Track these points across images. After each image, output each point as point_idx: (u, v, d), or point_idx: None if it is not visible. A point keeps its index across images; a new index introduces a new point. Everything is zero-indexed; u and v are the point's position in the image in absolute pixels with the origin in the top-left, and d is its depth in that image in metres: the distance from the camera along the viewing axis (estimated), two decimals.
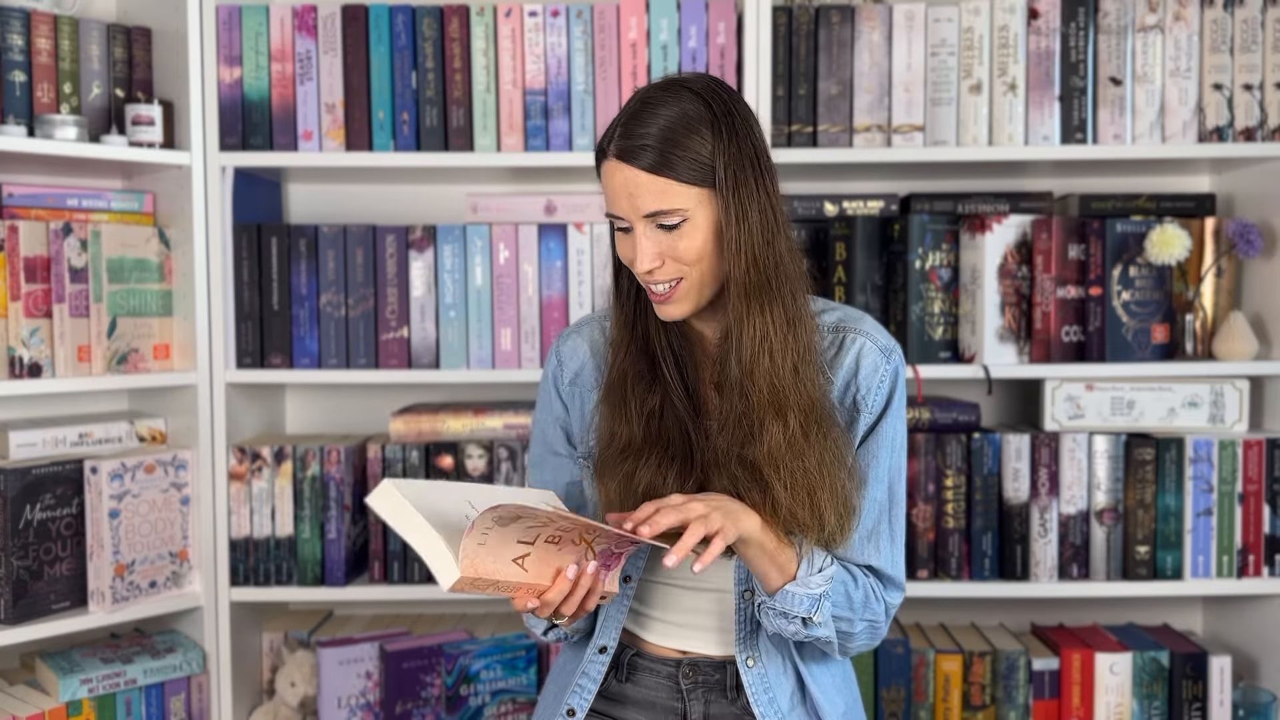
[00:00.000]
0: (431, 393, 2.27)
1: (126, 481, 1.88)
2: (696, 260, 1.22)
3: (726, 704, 1.35)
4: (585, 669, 1.37)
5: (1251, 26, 1.98)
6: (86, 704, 1.86)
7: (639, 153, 1.19)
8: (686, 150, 1.19)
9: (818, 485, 1.22)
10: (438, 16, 1.98)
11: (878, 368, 1.29)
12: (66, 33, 1.91)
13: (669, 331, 1.33)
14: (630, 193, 1.20)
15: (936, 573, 2.00)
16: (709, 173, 1.20)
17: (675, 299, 1.25)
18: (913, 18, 1.97)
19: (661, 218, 1.21)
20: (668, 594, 1.37)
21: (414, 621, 2.22)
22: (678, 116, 1.20)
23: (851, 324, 1.32)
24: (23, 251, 1.82)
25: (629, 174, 1.20)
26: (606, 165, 1.23)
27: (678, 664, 1.36)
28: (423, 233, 2.01)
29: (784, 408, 1.22)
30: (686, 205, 1.20)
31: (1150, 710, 2.02)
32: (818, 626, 1.25)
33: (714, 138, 1.20)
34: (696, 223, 1.21)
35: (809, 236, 2.06)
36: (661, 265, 1.22)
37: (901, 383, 1.32)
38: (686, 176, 1.20)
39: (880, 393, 1.30)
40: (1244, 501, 2.00)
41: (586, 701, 1.36)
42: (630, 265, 1.25)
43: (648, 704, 1.37)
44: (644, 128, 1.20)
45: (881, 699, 2.00)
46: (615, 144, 1.22)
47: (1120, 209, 2.09)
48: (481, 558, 1.11)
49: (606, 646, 1.36)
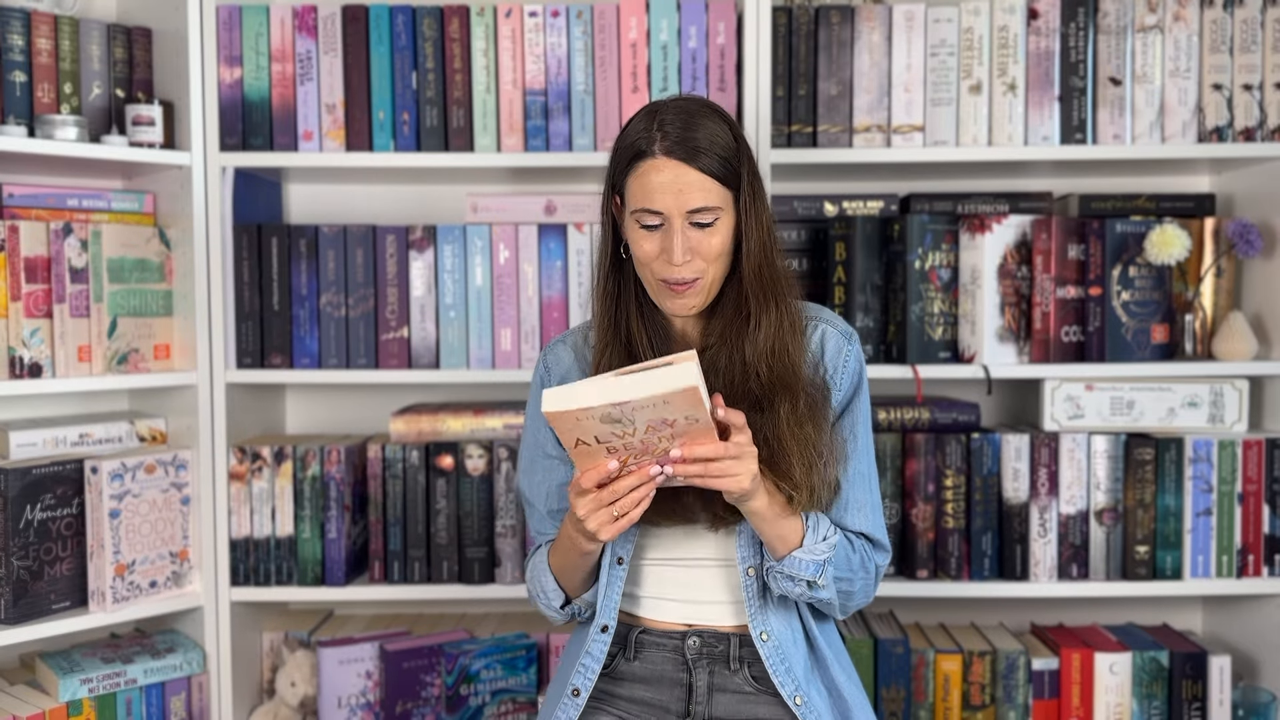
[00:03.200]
0: (431, 393, 2.27)
1: (127, 481, 1.88)
2: (716, 258, 1.33)
3: (730, 675, 1.40)
4: (588, 648, 1.41)
5: (1251, 26, 1.98)
6: (87, 704, 1.86)
7: (694, 154, 1.30)
8: (725, 156, 1.32)
9: (816, 457, 1.33)
10: (438, 17, 1.98)
11: (840, 349, 1.41)
12: (67, 33, 1.91)
13: (652, 333, 1.41)
14: (680, 189, 1.30)
15: (936, 572, 2.00)
16: (736, 179, 1.33)
17: (691, 293, 1.34)
18: (912, 18, 1.98)
19: (702, 214, 1.31)
20: (661, 573, 1.43)
21: (414, 621, 2.23)
22: (715, 127, 1.33)
23: (812, 314, 1.44)
24: (23, 251, 1.83)
25: (680, 171, 1.30)
26: (649, 163, 1.31)
27: (683, 636, 1.41)
28: (423, 233, 2.01)
29: (793, 386, 1.34)
30: (722, 205, 1.32)
31: (1150, 710, 2.02)
32: (821, 589, 1.35)
33: (739, 148, 1.34)
34: (723, 223, 1.33)
35: (809, 236, 2.07)
36: (690, 261, 1.32)
37: (864, 363, 1.44)
38: (724, 179, 1.32)
39: (848, 372, 1.41)
40: (1243, 501, 2.00)
41: (590, 681, 1.40)
42: (650, 262, 1.33)
43: (653, 678, 1.41)
44: (691, 132, 1.31)
45: (881, 699, 2.00)
46: (661, 144, 1.31)
47: (1120, 209, 2.09)
48: (565, 421, 1.17)
49: (607, 625, 1.40)
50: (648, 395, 1.14)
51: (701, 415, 1.18)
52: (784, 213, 2.06)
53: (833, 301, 2.01)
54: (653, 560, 1.43)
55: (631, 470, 1.23)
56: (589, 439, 1.20)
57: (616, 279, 1.41)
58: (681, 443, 1.20)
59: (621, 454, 1.22)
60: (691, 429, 1.19)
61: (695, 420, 1.18)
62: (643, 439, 1.20)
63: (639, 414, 1.16)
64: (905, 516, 2.00)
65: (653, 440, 1.20)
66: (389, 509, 2.02)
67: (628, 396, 1.14)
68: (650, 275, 1.35)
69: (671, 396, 1.14)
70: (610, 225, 1.41)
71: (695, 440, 1.20)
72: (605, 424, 1.17)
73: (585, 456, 1.22)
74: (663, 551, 1.42)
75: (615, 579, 1.41)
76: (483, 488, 2.01)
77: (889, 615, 2.15)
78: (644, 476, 1.23)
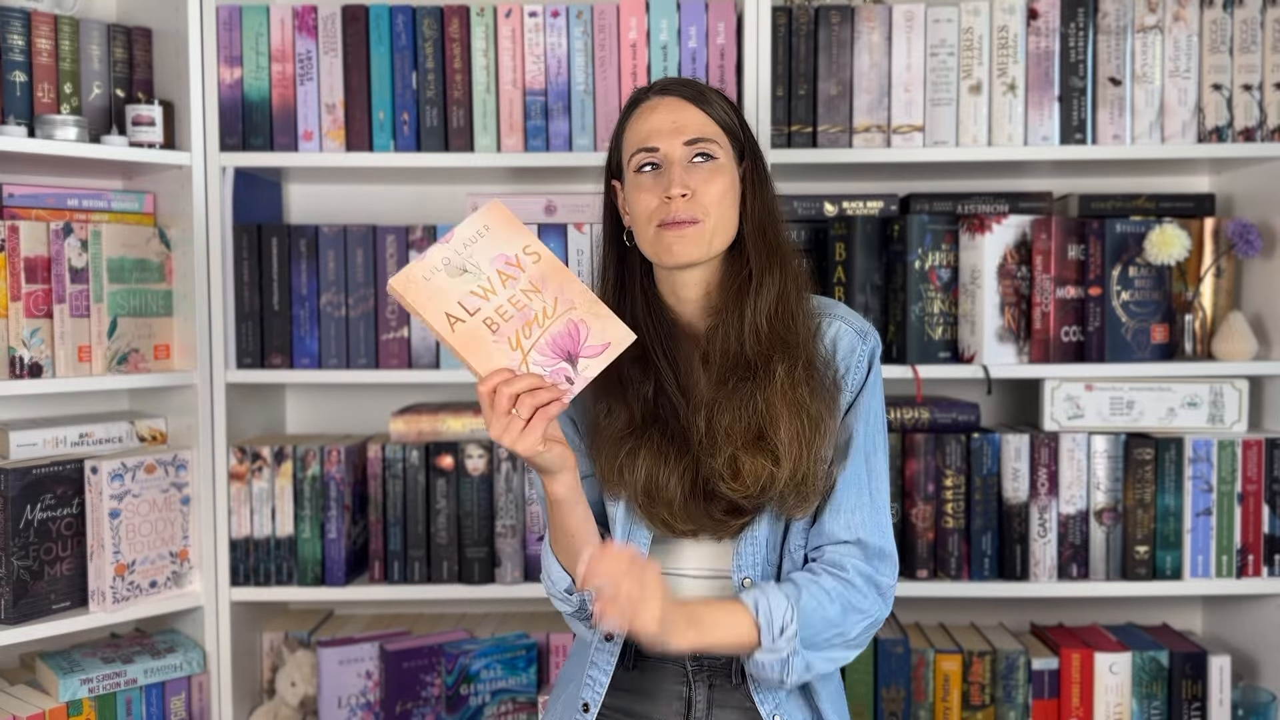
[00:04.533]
0: (431, 393, 2.27)
1: (127, 481, 1.88)
2: (716, 204, 1.31)
3: (731, 689, 1.36)
4: (594, 659, 1.38)
5: (1251, 27, 1.98)
6: (87, 704, 1.86)
7: (695, 96, 1.33)
8: (722, 105, 1.35)
9: (808, 427, 1.27)
10: (438, 17, 1.99)
11: (854, 348, 1.35)
12: (67, 33, 1.91)
13: (657, 323, 1.37)
14: (676, 120, 1.31)
15: (936, 572, 2.00)
16: (737, 134, 1.35)
17: (690, 234, 1.30)
18: (912, 18, 1.98)
19: (702, 145, 1.31)
20: (683, 586, 1.38)
21: (414, 621, 2.23)
22: (716, 93, 1.36)
23: (828, 309, 1.38)
24: (23, 252, 1.83)
25: (677, 105, 1.33)
26: (644, 106, 1.34)
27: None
28: (423, 233, 2.01)
29: (793, 346, 1.30)
30: (720, 144, 1.32)
31: (1150, 710, 2.02)
32: (796, 678, 1.28)
33: (738, 116, 1.37)
34: (724, 167, 1.32)
35: (809, 236, 2.07)
36: (689, 196, 1.29)
37: (878, 364, 1.37)
38: (721, 122, 1.33)
39: (859, 371, 1.35)
40: (1243, 501, 2.00)
41: (599, 695, 1.37)
42: (648, 213, 1.31)
43: (655, 691, 1.38)
44: (682, 80, 1.36)
45: (881, 699, 2.00)
46: (656, 88, 1.35)
47: (1120, 209, 2.09)
48: (418, 287, 1.21)
49: (613, 634, 1.37)
50: (465, 226, 1.23)
51: (531, 241, 1.24)
52: (784, 213, 2.06)
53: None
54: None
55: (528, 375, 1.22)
56: (455, 310, 1.21)
57: (620, 270, 1.39)
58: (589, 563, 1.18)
59: (499, 325, 1.22)
60: (543, 272, 1.24)
61: (536, 256, 1.24)
62: (511, 299, 1.22)
63: (475, 251, 1.23)
64: (905, 516, 2.00)
65: (524, 300, 1.22)
66: (389, 509, 2.02)
67: (451, 235, 1.23)
68: (648, 233, 1.31)
69: (485, 218, 1.24)
70: (611, 215, 1.40)
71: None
72: (455, 278, 1.21)
73: (470, 342, 1.21)
74: (664, 565, 1.38)
75: None
76: (483, 488, 2.01)
77: (889, 615, 2.15)
78: (536, 381, 1.20)
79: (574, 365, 1.23)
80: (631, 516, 1.35)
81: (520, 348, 1.22)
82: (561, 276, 1.25)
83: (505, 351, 1.21)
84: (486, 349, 1.21)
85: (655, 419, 1.33)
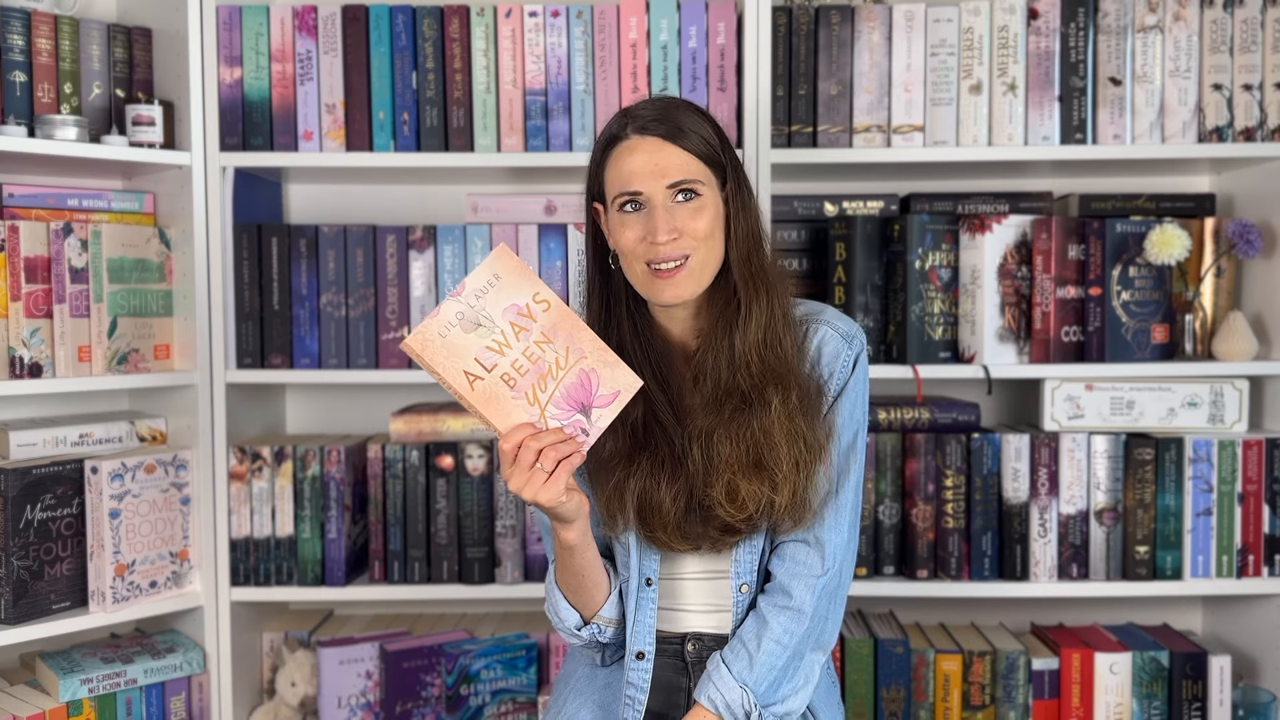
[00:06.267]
0: (432, 393, 2.27)
1: (127, 481, 1.88)
2: (706, 237, 1.30)
3: None
4: (630, 678, 1.37)
5: (1251, 26, 1.98)
6: (87, 704, 1.86)
7: (672, 134, 1.30)
8: (700, 134, 1.31)
9: (806, 454, 1.29)
10: (438, 17, 1.98)
11: (839, 353, 1.36)
12: (67, 33, 1.91)
13: (646, 345, 1.37)
14: (657, 163, 1.29)
15: (936, 572, 2.00)
16: (718, 161, 1.33)
17: (680, 278, 1.30)
18: (912, 18, 1.98)
19: (685, 185, 1.29)
20: (683, 587, 1.40)
21: (414, 621, 2.23)
22: (685, 109, 1.33)
23: (814, 315, 1.39)
24: (23, 251, 1.83)
25: (655, 146, 1.30)
26: (623, 146, 1.31)
27: (682, 640, 1.40)
28: (423, 233, 2.01)
29: (785, 378, 1.30)
30: (704, 181, 1.31)
31: (1150, 710, 2.02)
32: (796, 710, 1.32)
33: (717, 137, 1.34)
34: (707, 202, 1.31)
35: (809, 236, 2.07)
36: (675, 239, 1.29)
37: (863, 367, 1.38)
38: (701, 155, 1.31)
39: (843, 374, 1.36)
40: (1243, 501, 2.00)
41: (639, 713, 1.36)
42: (634, 250, 1.30)
43: (656, 683, 1.39)
44: (658, 114, 1.31)
45: (881, 699, 2.00)
46: (633, 126, 1.31)
47: (1120, 209, 2.09)
48: (435, 346, 1.20)
49: (644, 653, 1.37)
50: (475, 276, 1.22)
51: (539, 287, 1.24)
52: (784, 213, 2.06)
53: (833, 301, 2.01)
54: (670, 577, 1.40)
55: (547, 430, 1.23)
56: (473, 367, 1.21)
57: (605, 292, 1.39)
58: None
59: (516, 381, 1.22)
60: (554, 321, 1.23)
61: (546, 304, 1.23)
62: (525, 351, 1.22)
63: (487, 304, 1.21)
64: (905, 516, 2.00)
65: (537, 352, 1.22)
66: (389, 509, 2.02)
67: (461, 284, 1.22)
68: (637, 269, 1.32)
69: (493, 266, 1.22)
70: (594, 236, 1.39)
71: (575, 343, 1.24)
72: (470, 333, 1.20)
73: (490, 400, 1.22)
74: (679, 570, 1.40)
75: (646, 601, 1.37)
76: (483, 488, 2.01)
77: (889, 615, 2.15)
78: (560, 435, 1.22)
79: (588, 416, 1.24)
80: (640, 543, 1.37)
81: (538, 402, 1.23)
82: (570, 323, 1.25)
83: (524, 406, 1.23)
84: (506, 405, 1.22)
85: (648, 441, 1.34)
